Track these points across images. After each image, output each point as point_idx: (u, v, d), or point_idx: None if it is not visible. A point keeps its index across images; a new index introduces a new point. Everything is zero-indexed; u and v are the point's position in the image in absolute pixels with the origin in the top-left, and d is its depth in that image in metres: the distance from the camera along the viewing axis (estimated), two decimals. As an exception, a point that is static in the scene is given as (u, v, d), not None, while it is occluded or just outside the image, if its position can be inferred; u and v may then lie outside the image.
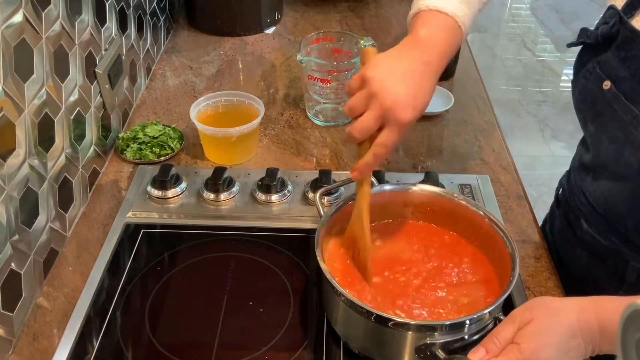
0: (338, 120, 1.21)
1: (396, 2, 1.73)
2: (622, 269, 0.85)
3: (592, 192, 0.87)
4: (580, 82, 0.81)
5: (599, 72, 0.77)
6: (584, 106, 0.82)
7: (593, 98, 0.79)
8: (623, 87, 0.74)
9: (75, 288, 0.87)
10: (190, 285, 0.89)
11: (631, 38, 0.74)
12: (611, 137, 0.77)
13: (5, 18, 0.74)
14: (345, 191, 1.00)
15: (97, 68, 1.03)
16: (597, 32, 0.79)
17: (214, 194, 1.00)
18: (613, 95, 0.75)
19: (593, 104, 0.79)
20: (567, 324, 0.62)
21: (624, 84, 0.74)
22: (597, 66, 0.78)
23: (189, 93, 1.31)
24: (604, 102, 0.77)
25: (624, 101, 0.74)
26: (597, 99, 0.78)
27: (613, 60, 0.76)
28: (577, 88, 0.82)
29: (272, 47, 1.50)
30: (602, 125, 0.78)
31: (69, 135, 0.94)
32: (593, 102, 0.79)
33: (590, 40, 0.80)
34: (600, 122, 0.79)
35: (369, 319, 0.72)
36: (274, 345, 0.79)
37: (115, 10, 1.12)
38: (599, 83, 0.77)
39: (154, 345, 0.80)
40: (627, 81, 0.74)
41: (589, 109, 0.80)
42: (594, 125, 0.80)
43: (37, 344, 0.80)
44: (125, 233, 0.96)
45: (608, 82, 0.76)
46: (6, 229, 0.76)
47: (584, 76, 0.80)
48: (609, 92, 0.76)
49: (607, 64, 0.77)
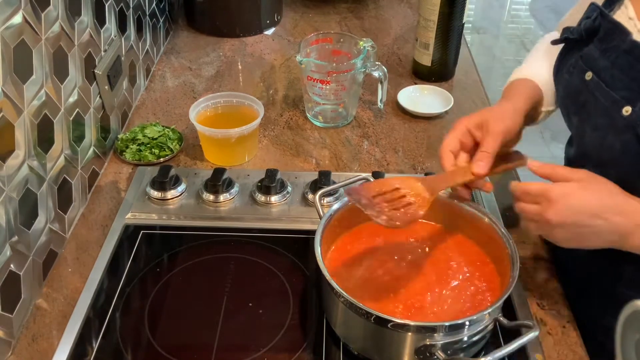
0: (337, 121, 1.21)
1: (395, 3, 1.73)
2: (620, 264, 0.85)
3: None
4: (563, 78, 0.84)
5: (582, 64, 0.81)
6: (568, 101, 0.85)
7: (577, 91, 0.82)
8: (603, 75, 0.77)
9: (74, 289, 0.87)
10: (190, 287, 0.88)
11: (612, 30, 0.77)
12: (594, 125, 0.80)
13: (4, 19, 0.74)
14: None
15: (96, 69, 1.03)
16: (580, 28, 0.82)
17: (213, 195, 1.00)
18: (595, 84, 0.78)
19: (576, 96, 0.82)
20: (613, 200, 0.71)
21: (604, 72, 0.77)
22: (580, 60, 0.81)
23: (189, 94, 1.31)
24: (587, 92, 0.80)
25: (605, 88, 0.77)
26: (580, 91, 0.81)
27: (595, 52, 0.79)
28: (561, 84, 0.85)
29: (272, 48, 1.50)
30: (586, 115, 0.81)
31: (68, 136, 0.93)
32: (576, 94, 0.82)
33: (574, 36, 0.83)
34: (583, 113, 0.81)
35: (369, 320, 0.72)
36: (274, 346, 0.79)
37: (114, 11, 1.12)
38: (581, 75, 0.80)
39: (153, 347, 0.79)
40: (607, 70, 0.77)
41: (572, 102, 0.83)
42: (577, 116, 0.83)
43: (37, 345, 0.80)
44: (124, 234, 0.96)
45: (590, 73, 0.79)
46: (5, 230, 0.76)
47: (567, 71, 0.83)
48: (592, 82, 0.79)
49: (590, 57, 0.80)
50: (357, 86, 1.19)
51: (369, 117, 1.25)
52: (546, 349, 0.81)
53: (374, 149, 1.16)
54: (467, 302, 0.78)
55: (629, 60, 0.75)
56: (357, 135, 1.20)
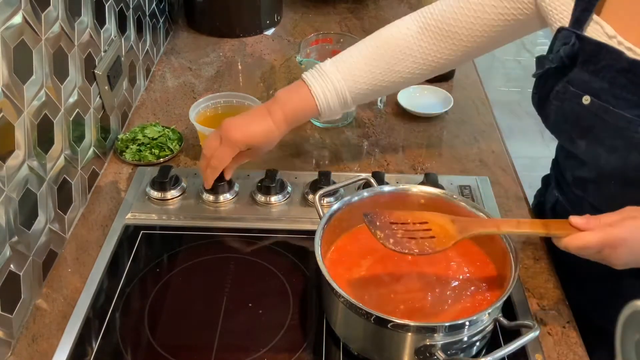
0: (337, 121, 1.21)
1: (395, 3, 1.73)
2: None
3: (599, 202, 0.87)
4: (553, 105, 0.82)
5: (573, 89, 0.78)
6: (566, 126, 0.82)
7: (575, 116, 0.79)
8: (604, 97, 0.76)
9: (74, 290, 0.87)
10: (190, 287, 0.88)
11: (596, 50, 0.75)
12: (609, 148, 0.78)
13: (4, 19, 0.74)
14: (345, 192, 1.00)
15: (96, 69, 1.03)
16: (559, 55, 0.79)
17: (213, 196, 1.00)
18: (598, 107, 0.76)
19: (577, 121, 0.80)
20: None
21: (605, 94, 0.76)
22: (569, 85, 0.79)
23: (189, 94, 1.31)
24: (591, 116, 0.77)
25: (613, 110, 0.75)
26: (580, 116, 0.79)
27: (583, 75, 0.77)
28: (552, 111, 0.83)
29: (272, 48, 1.50)
30: (594, 138, 0.79)
31: (68, 136, 0.93)
32: (576, 119, 0.80)
33: (555, 64, 0.80)
34: (591, 136, 0.79)
35: (369, 321, 0.72)
36: (274, 346, 0.79)
37: (114, 11, 1.12)
38: (577, 100, 0.78)
39: (153, 347, 0.79)
40: (607, 91, 0.75)
41: (573, 127, 0.81)
42: (585, 140, 0.81)
43: (36, 345, 0.80)
44: (124, 234, 0.96)
45: (587, 97, 0.77)
46: (5, 231, 0.76)
47: (555, 98, 0.81)
48: (593, 106, 0.77)
49: (579, 81, 0.78)
50: (357, 86, 1.19)
51: (369, 118, 1.25)
52: (546, 349, 0.81)
53: (374, 149, 1.16)
54: (467, 302, 0.78)
55: (631, 78, 0.73)
56: (357, 136, 1.20)
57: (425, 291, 0.79)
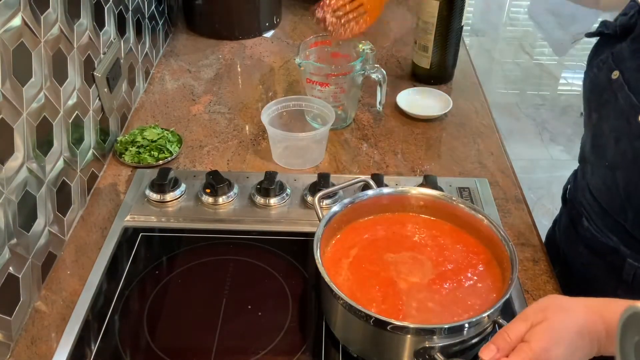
0: (336, 123, 1.21)
1: (394, 6, 1.73)
2: (619, 266, 0.85)
3: (594, 184, 0.87)
4: (592, 72, 0.82)
5: (611, 62, 0.78)
6: (592, 96, 0.83)
7: (601, 88, 0.80)
8: (628, 76, 0.75)
9: (73, 292, 0.87)
10: (189, 289, 0.88)
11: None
12: (612, 126, 0.78)
13: (3, 22, 0.74)
14: (344, 194, 1.00)
15: (95, 72, 1.03)
16: (615, 24, 0.79)
17: (212, 198, 1.00)
18: (619, 85, 0.76)
19: (600, 94, 0.80)
20: (576, 324, 0.62)
21: (631, 74, 0.75)
22: (611, 56, 0.79)
23: (188, 97, 1.31)
24: (610, 91, 0.78)
25: (627, 91, 0.75)
26: (604, 89, 0.79)
27: (626, 51, 0.77)
28: (589, 78, 0.83)
29: (271, 50, 1.50)
30: (605, 114, 0.79)
31: (67, 138, 0.93)
32: (601, 91, 0.80)
33: (609, 31, 0.80)
34: (603, 111, 0.80)
35: (368, 323, 0.72)
36: (273, 349, 0.79)
37: (113, 14, 1.12)
38: (609, 73, 0.78)
39: (152, 349, 0.79)
40: (633, 72, 0.75)
41: (596, 99, 0.81)
42: (598, 114, 0.81)
43: (35, 348, 0.80)
44: (123, 237, 0.96)
45: (617, 72, 0.77)
46: (4, 233, 0.76)
47: (596, 66, 0.81)
48: (616, 82, 0.77)
49: (620, 55, 0.78)
50: (356, 89, 1.19)
51: (368, 120, 1.25)
52: (545, 351, 0.81)
53: (373, 151, 1.16)
54: (466, 304, 0.78)
55: None
56: (356, 138, 1.20)
57: (425, 293, 0.79)
